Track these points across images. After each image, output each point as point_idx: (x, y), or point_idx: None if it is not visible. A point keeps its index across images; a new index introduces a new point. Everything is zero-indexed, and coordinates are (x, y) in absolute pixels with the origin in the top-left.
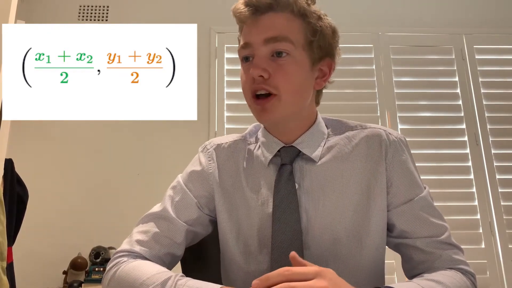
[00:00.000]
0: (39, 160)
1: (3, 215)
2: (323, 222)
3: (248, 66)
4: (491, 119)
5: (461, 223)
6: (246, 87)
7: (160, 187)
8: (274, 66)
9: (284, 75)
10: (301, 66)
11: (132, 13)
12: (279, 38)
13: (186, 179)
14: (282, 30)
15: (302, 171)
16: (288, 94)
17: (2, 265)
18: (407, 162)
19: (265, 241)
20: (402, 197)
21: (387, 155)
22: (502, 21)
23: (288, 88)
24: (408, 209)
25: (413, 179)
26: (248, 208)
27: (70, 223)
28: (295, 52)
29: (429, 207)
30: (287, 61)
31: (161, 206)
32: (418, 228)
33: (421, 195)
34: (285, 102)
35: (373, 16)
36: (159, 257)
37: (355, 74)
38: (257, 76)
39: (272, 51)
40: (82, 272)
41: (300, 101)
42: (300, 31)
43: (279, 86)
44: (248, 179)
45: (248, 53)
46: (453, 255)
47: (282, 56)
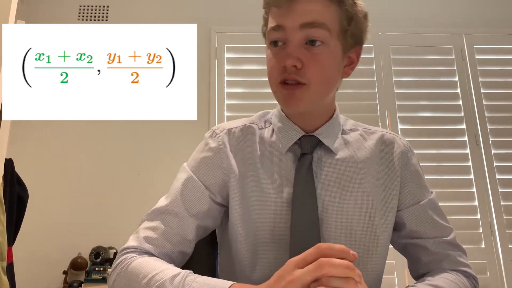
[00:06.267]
0: (39, 160)
1: (3, 215)
2: (339, 214)
3: (279, 51)
4: (491, 119)
5: (461, 223)
6: (274, 74)
7: (160, 187)
8: (308, 55)
9: (317, 66)
10: (334, 56)
11: (132, 13)
12: (316, 24)
13: (195, 167)
14: (319, 16)
15: (321, 162)
16: (318, 84)
17: (2, 265)
18: (417, 166)
19: (278, 229)
20: (414, 198)
21: (401, 158)
22: (502, 21)
23: (320, 79)
24: (418, 210)
25: (423, 182)
26: (262, 194)
27: (70, 223)
28: (330, 41)
29: (438, 209)
30: (322, 51)
31: (168, 199)
32: (427, 228)
33: (431, 197)
34: (314, 92)
35: (373, 16)
36: (169, 256)
37: (355, 74)
38: (290, 66)
39: (306, 38)
40: (82, 272)
41: (329, 91)
42: (336, 18)
43: (311, 77)
44: (263, 165)
45: (280, 36)
46: (459, 257)
47: (316, 44)
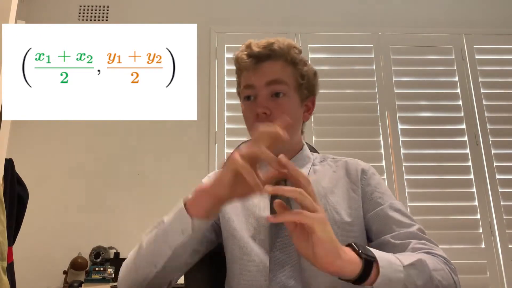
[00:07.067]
0: (39, 160)
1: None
2: None
3: (251, 104)
4: (491, 119)
5: (461, 223)
6: (249, 121)
7: (160, 187)
8: (274, 105)
9: (282, 112)
10: (294, 104)
11: (132, 13)
12: (278, 81)
13: None
14: (280, 75)
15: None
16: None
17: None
18: (376, 179)
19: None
20: (375, 204)
21: (362, 174)
22: (502, 21)
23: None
24: (380, 212)
25: (386, 192)
26: (246, 210)
27: (70, 223)
28: (290, 93)
29: (400, 211)
30: (284, 100)
31: None
32: (390, 227)
33: (392, 202)
34: None
35: (373, 16)
36: None
37: (355, 74)
38: (261, 112)
39: (272, 91)
40: (82, 272)
41: (294, 132)
42: (292, 76)
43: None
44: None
45: (251, 92)
46: (423, 245)
47: (280, 96)
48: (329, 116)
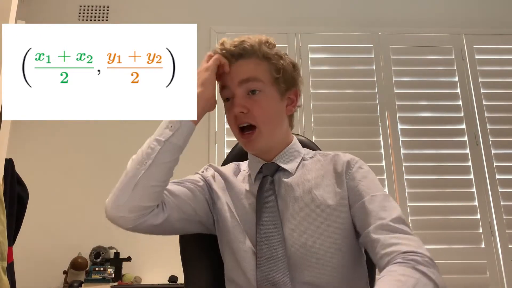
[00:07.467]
0: (39, 160)
1: (3, 215)
2: (294, 219)
3: (230, 105)
4: (491, 119)
5: (461, 223)
6: (231, 123)
7: None
8: (251, 102)
9: (260, 108)
10: (272, 98)
11: (132, 13)
12: (250, 79)
13: None
14: (252, 72)
15: (280, 181)
16: (265, 123)
17: (3, 265)
18: (364, 171)
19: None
20: (359, 196)
21: (347, 166)
22: (502, 21)
23: (265, 119)
24: (361, 205)
25: (370, 184)
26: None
27: (70, 223)
28: (266, 88)
29: (380, 203)
30: (260, 97)
31: None
32: (367, 220)
33: (375, 193)
34: (264, 131)
35: (373, 16)
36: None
37: (355, 74)
38: (238, 112)
39: (247, 90)
40: (83, 272)
41: (277, 127)
42: (267, 71)
43: (257, 118)
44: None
45: (227, 93)
46: (390, 239)
47: (256, 93)
48: (329, 116)
